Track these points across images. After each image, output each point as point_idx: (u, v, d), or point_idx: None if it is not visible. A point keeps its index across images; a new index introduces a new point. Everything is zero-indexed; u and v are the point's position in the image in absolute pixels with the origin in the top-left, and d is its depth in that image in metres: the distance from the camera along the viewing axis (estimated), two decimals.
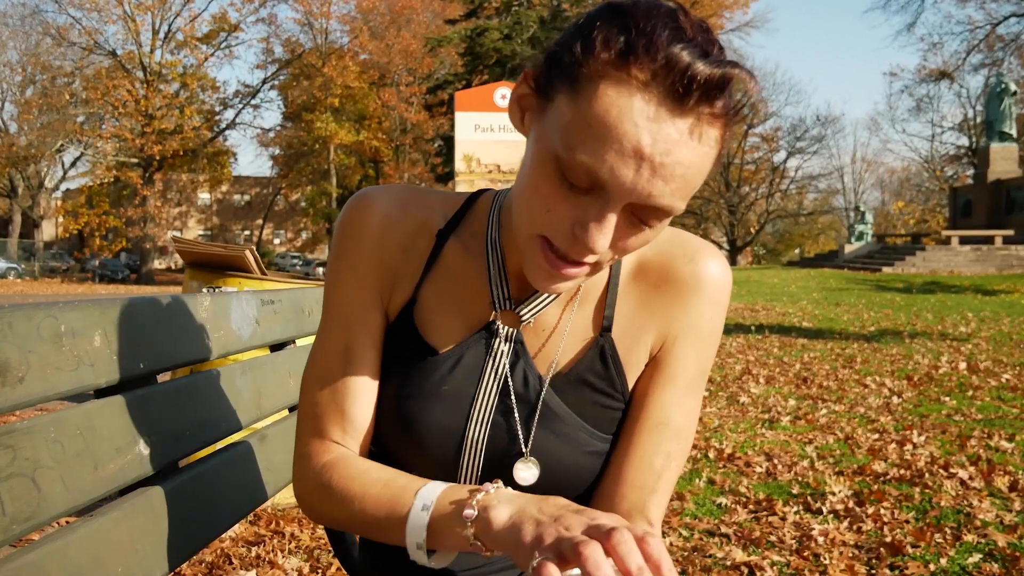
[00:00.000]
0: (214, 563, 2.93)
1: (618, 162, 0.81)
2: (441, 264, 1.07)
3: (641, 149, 0.80)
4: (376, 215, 1.06)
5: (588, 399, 1.04)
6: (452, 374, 1.04)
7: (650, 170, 0.81)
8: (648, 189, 0.82)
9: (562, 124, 0.84)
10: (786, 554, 3.03)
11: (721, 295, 1.06)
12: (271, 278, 3.49)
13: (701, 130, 0.82)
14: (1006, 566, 2.89)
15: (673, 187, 0.83)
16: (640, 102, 0.80)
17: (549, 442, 1.02)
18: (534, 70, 0.90)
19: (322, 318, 1.10)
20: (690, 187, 0.84)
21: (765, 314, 14.40)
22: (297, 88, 45.44)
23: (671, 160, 0.81)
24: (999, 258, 24.50)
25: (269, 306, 1.65)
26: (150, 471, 1.13)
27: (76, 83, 41.64)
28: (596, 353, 1.04)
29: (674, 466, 1.04)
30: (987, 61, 39.28)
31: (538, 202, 0.88)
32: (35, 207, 42.95)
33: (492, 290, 1.04)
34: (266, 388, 1.58)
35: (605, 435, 1.05)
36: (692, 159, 0.82)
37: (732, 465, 4.31)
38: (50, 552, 0.91)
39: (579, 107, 0.82)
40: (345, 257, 1.07)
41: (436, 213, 1.09)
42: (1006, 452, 4.53)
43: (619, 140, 0.80)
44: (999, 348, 9.38)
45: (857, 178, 58.07)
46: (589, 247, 0.85)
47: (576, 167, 0.83)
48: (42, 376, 0.94)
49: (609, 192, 0.83)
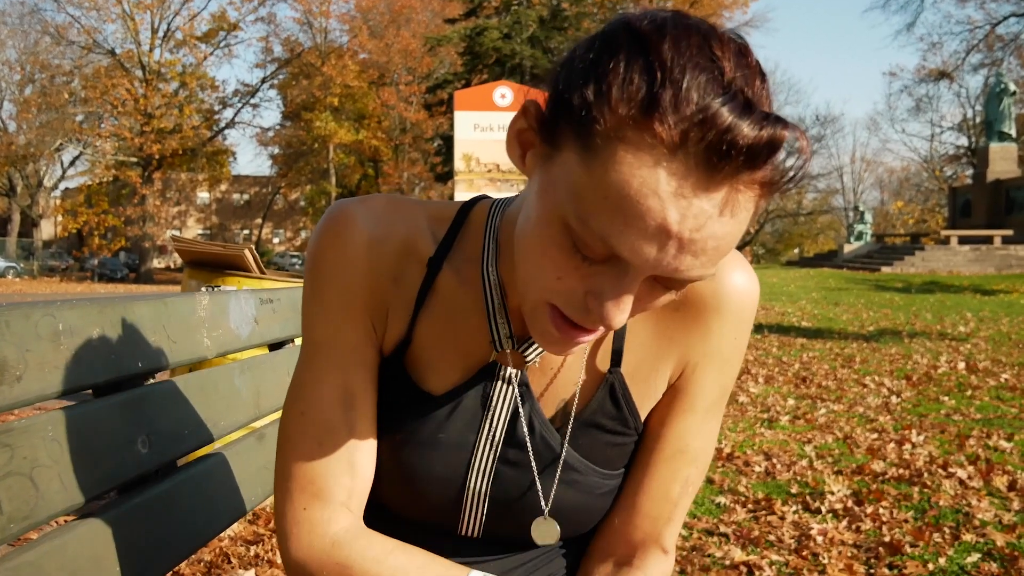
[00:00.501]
0: (213, 562, 2.93)
1: (640, 240, 0.68)
2: (434, 297, 0.94)
3: (668, 227, 0.67)
4: (361, 237, 0.92)
5: (600, 441, 0.96)
6: (450, 421, 0.93)
7: (677, 247, 0.69)
8: (675, 265, 0.70)
9: (572, 186, 0.71)
10: (785, 553, 3.03)
11: (746, 312, 0.96)
12: (270, 277, 3.49)
13: (739, 199, 0.69)
14: (1005, 565, 2.89)
15: (704, 259, 0.71)
16: (666, 170, 0.66)
17: (565, 494, 0.95)
18: (536, 107, 0.76)
19: (305, 357, 0.94)
20: (722, 255, 0.72)
21: (764, 313, 14.40)
22: (296, 87, 45.42)
23: (701, 236, 0.69)
24: (998, 258, 24.51)
25: (268, 305, 1.65)
26: (148, 470, 1.12)
27: (75, 82, 41.62)
28: (606, 392, 0.95)
29: (691, 491, 0.99)
30: (986, 61, 39.32)
31: (547, 268, 0.76)
32: (34, 206, 42.93)
33: (491, 328, 0.92)
34: (265, 387, 1.58)
35: (616, 472, 0.98)
36: (725, 231, 0.70)
37: (731, 464, 4.30)
38: (48, 551, 0.91)
39: (592, 172, 0.69)
40: (331, 286, 0.92)
41: (424, 233, 0.95)
42: (1005, 452, 4.53)
43: (642, 217, 0.67)
44: (998, 348, 9.38)
45: (856, 178, 58.12)
46: (605, 322, 0.74)
47: (590, 241, 0.71)
48: (40, 375, 0.94)
49: (628, 266, 0.72)
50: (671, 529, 0.99)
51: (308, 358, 0.94)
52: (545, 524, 0.94)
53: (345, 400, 0.92)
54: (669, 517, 0.98)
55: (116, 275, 40.99)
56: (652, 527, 0.97)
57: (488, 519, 0.96)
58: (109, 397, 1.07)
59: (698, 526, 3.34)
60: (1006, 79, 30.45)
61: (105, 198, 43.12)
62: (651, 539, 0.97)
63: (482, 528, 0.97)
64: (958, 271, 23.91)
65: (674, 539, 0.99)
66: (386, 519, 0.98)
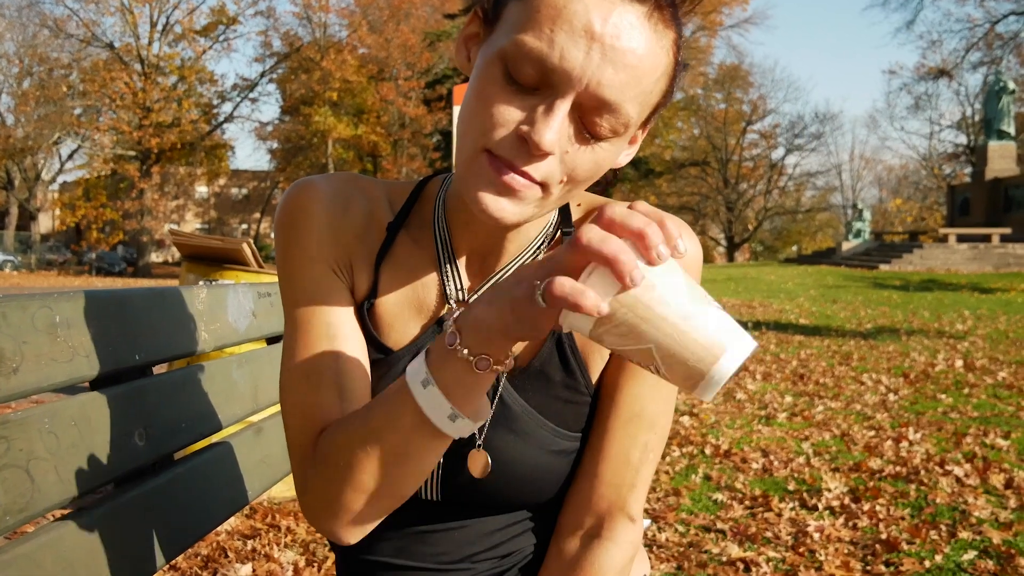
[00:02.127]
0: (210, 556, 2.93)
1: (568, 43, 0.78)
2: (392, 258, 1.00)
3: (591, 27, 0.78)
4: (323, 199, 0.98)
5: (550, 394, 0.99)
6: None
7: (600, 53, 0.78)
8: (598, 75, 0.78)
9: (510, 23, 0.82)
10: (782, 550, 3.04)
11: (691, 271, 0.97)
12: (268, 271, 3.48)
13: (654, 23, 0.80)
14: (1001, 563, 2.89)
15: (624, 77, 0.79)
16: None
17: (506, 440, 0.97)
18: (482, 6, 0.89)
19: (288, 315, 0.99)
20: (641, 87, 0.81)
21: (762, 311, 14.40)
22: (295, 82, 45.33)
23: (621, 44, 0.78)
24: (996, 256, 24.52)
25: (266, 298, 1.65)
26: (145, 463, 1.12)
27: (73, 75, 41.50)
28: (552, 344, 0.98)
29: (652, 457, 1.01)
30: (986, 59, 39.26)
31: (481, 109, 0.83)
32: (32, 199, 42.84)
33: (443, 282, 0.99)
34: (262, 381, 1.57)
35: (572, 433, 1.00)
36: (645, 49, 0.80)
37: (728, 461, 4.31)
38: (44, 544, 0.91)
39: (528, 1, 0.81)
40: (300, 241, 0.97)
41: (382, 203, 1.03)
42: (1001, 450, 4.54)
43: (569, 19, 0.78)
44: (995, 346, 9.39)
45: (855, 175, 58.12)
46: (536, 141, 0.79)
47: (523, 56, 0.79)
48: (36, 367, 0.94)
49: (556, 82, 0.79)
50: (635, 496, 1.00)
51: (290, 314, 0.98)
52: (477, 455, 0.96)
53: (328, 335, 0.96)
54: (632, 483, 0.99)
55: (114, 269, 40.95)
56: (616, 495, 0.99)
57: (443, 475, 0.98)
58: (106, 390, 1.07)
59: (695, 522, 3.34)
60: (1005, 77, 30.44)
61: (103, 192, 43.05)
62: (616, 507, 0.99)
63: (439, 486, 0.98)
64: (956, 269, 23.92)
65: (640, 506, 1.01)
66: None
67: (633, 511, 1.00)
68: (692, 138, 52.48)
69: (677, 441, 4.72)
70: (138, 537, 1.07)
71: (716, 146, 50.75)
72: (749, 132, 51.93)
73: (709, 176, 51.53)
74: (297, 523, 3.26)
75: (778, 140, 52.63)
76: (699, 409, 5.71)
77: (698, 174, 51.58)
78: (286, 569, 2.83)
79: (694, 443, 4.68)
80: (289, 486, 3.60)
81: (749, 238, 53.33)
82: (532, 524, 1.05)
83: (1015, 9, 35.09)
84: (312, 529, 3.21)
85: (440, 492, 0.99)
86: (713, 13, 44.63)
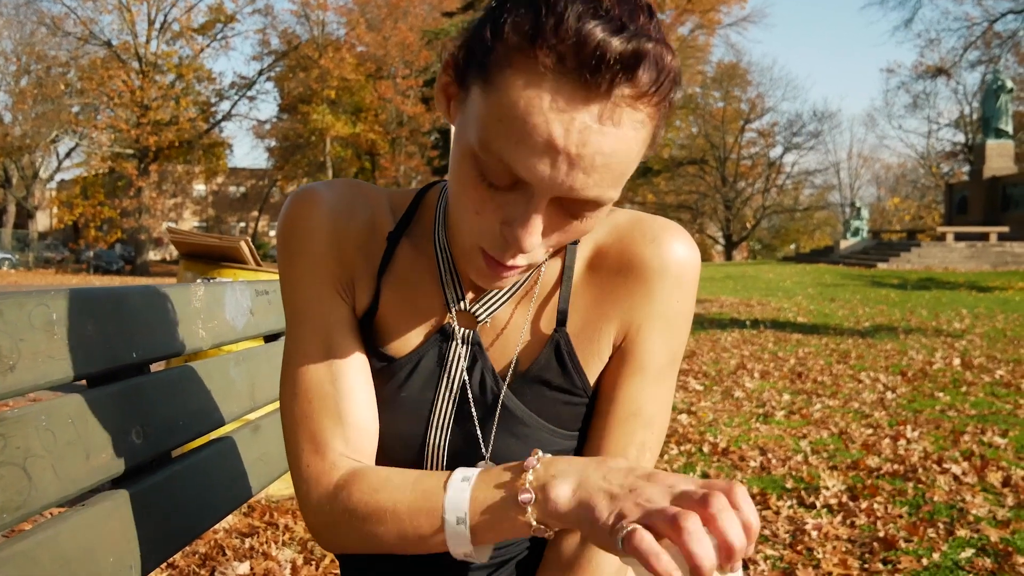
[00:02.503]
0: (207, 554, 2.93)
1: (531, 158, 0.76)
2: (394, 269, 1.01)
3: (554, 142, 0.75)
4: (325, 211, 0.99)
5: (548, 398, 1.00)
6: (409, 380, 1.00)
7: (567, 163, 0.76)
8: (569, 183, 0.77)
9: (476, 118, 0.79)
10: (779, 548, 3.04)
11: (688, 277, 0.99)
12: (266, 269, 3.47)
13: (620, 114, 0.76)
14: (998, 561, 2.89)
15: (596, 178, 0.78)
16: (549, 91, 0.74)
17: (510, 445, 0.99)
18: (453, 58, 0.85)
19: (289, 327, 1.01)
20: (617, 175, 0.80)
21: (760, 309, 14.41)
22: (293, 80, 45.33)
23: (589, 151, 0.76)
24: (994, 255, 24.55)
25: (264, 296, 1.65)
26: (143, 461, 1.12)
27: (71, 73, 41.45)
28: (551, 350, 1.00)
29: (649, 456, 1.00)
30: (984, 58, 39.30)
31: (467, 204, 0.84)
32: (29, 197, 42.80)
33: (444, 292, 1.00)
34: (260, 379, 1.57)
35: (570, 432, 1.01)
36: (613, 146, 0.77)
37: (726, 459, 4.31)
38: (41, 542, 0.90)
39: (489, 99, 0.78)
40: (302, 255, 0.99)
41: (384, 212, 1.03)
42: (999, 448, 4.54)
43: (529, 135, 0.75)
44: (993, 344, 9.40)
45: (853, 174, 58.12)
46: (518, 247, 0.81)
47: (492, 166, 0.79)
48: (33, 365, 0.93)
49: (531, 189, 0.79)
50: None
51: (291, 327, 1.00)
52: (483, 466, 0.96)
53: (327, 356, 0.98)
54: None
55: (112, 267, 40.91)
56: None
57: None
58: (103, 387, 1.07)
59: None
60: (1003, 76, 30.44)
61: (101, 190, 43.00)
62: None
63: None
64: (954, 268, 23.94)
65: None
66: None
67: None
68: (690, 136, 52.50)
69: (675, 439, 4.73)
70: (135, 535, 1.07)
71: (714, 144, 50.77)
72: (747, 130, 51.99)
73: (707, 174, 51.58)
74: (295, 521, 3.26)
75: (776, 138, 52.69)
76: (697, 407, 5.71)
77: (696, 172, 51.62)
78: (284, 567, 2.83)
79: (692, 441, 4.68)
80: (287, 484, 3.60)
81: (747, 236, 53.36)
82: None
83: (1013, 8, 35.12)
84: None
85: None
86: (712, 12, 44.66)
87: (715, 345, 9.38)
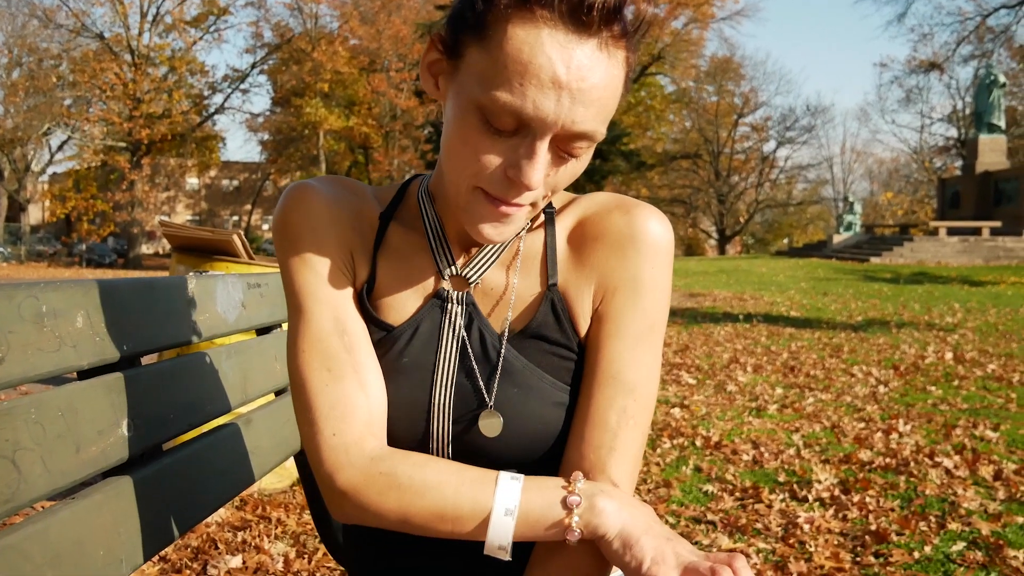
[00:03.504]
0: (200, 548, 2.93)
1: (539, 95, 0.85)
2: (387, 246, 1.08)
3: (558, 78, 0.84)
4: (322, 197, 1.05)
5: (545, 351, 1.05)
6: (410, 345, 1.04)
7: (570, 97, 0.85)
8: (571, 116, 0.86)
9: (478, 73, 0.87)
10: (772, 541, 3.05)
11: (660, 248, 1.05)
12: (259, 263, 3.46)
13: (608, 51, 0.87)
14: (989, 554, 2.91)
15: (593, 111, 0.87)
16: (548, 34, 0.84)
17: (512, 395, 1.02)
18: (439, 34, 0.94)
19: (294, 308, 1.03)
20: (607, 110, 0.90)
21: (753, 303, 14.43)
22: (286, 73, 45.13)
23: (587, 84, 0.86)
24: (986, 249, 24.62)
25: (256, 289, 1.64)
26: (134, 454, 1.11)
27: (63, 66, 41.22)
28: (548, 307, 1.05)
29: (632, 424, 1.02)
30: (977, 52, 39.28)
31: (468, 153, 0.90)
32: (21, 190, 42.56)
33: (436, 259, 1.06)
34: (252, 372, 1.57)
35: (564, 384, 1.05)
36: (605, 80, 0.87)
37: (719, 453, 4.32)
38: (30, 535, 0.90)
39: (491, 52, 0.86)
40: (304, 238, 1.03)
41: (371, 202, 1.10)
42: (991, 441, 4.56)
43: (536, 74, 0.84)
44: (985, 338, 9.43)
45: (846, 168, 58.32)
46: (525, 184, 0.89)
47: (499, 110, 0.86)
48: (23, 357, 0.93)
49: (534, 127, 0.87)
50: (615, 459, 1.01)
51: (296, 307, 1.03)
52: (490, 416, 1.01)
53: (338, 328, 1.02)
54: (611, 446, 1.01)
55: (104, 261, 40.74)
56: (596, 456, 1.01)
57: (454, 438, 1.02)
58: (94, 380, 1.06)
59: (686, 514, 3.35)
60: (996, 71, 30.48)
61: (93, 183, 42.86)
62: (597, 469, 1.01)
63: (450, 447, 1.03)
64: (946, 262, 24.00)
65: (623, 472, 1.01)
66: None
67: (614, 475, 1.00)
68: (684, 131, 52.54)
69: (668, 433, 4.73)
70: (126, 528, 1.06)
71: (708, 139, 50.79)
72: (741, 125, 52.01)
73: (700, 169, 51.60)
74: (287, 515, 3.25)
75: (769, 133, 52.77)
76: (690, 401, 5.72)
77: (689, 167, 51.63)
78: (276, 561, 2.82)
79: (685, 435, 4.69)
80: (280, 478, 3.60)
81: (740, 231, 53.39)
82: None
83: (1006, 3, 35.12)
84: (303, 521, 3.20)
85: (451, 451, 1.03)
86: (705, 5, 44.57)
87: (708, 339, 9.39)
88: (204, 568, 2.77)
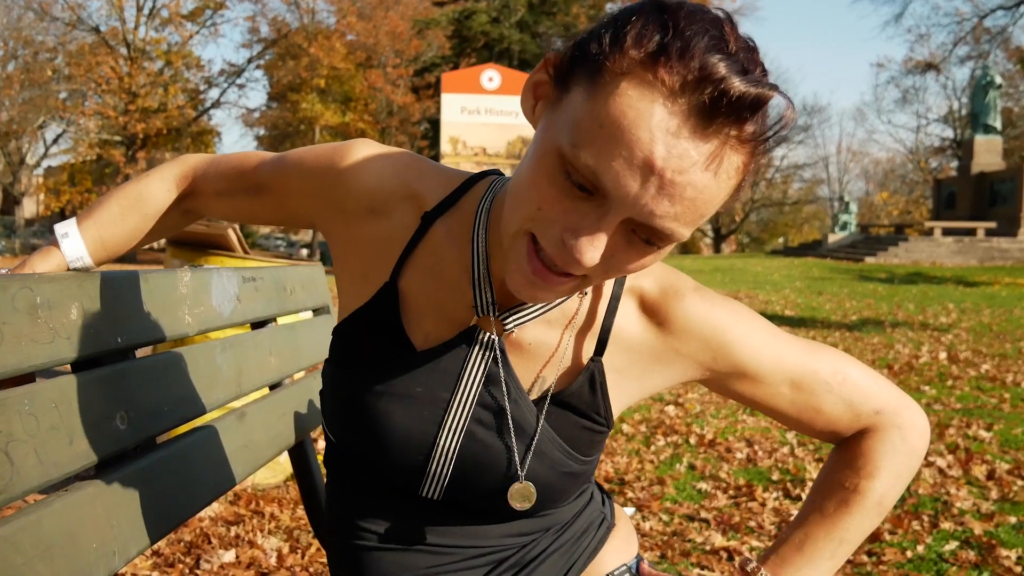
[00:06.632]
0: (192, 542, 2.92)
1: (624, 171, 0.73)
2: (424, 249, 0.99)
3: (652, 161, 0.72)
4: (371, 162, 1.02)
5: (571, 422, 0.99)
6: (427, 376, 0.97)
7: (657, 186, 0.73)
8: (651, 206, 0.75)
9: (573, 119, 0.76)
10: (765, 539, 3.05)
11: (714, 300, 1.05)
12: (254, 257, 3.46)
13: (723, 155, 0.74)
14: (982, 554, 2.91)
15: (679, 210, 0.75)
16: (662, 110, 0.72)
17: (534, 463, 0.98)
18: (556, 56, 0.82)
19: (284, 152, 1.11)
20: (698, 215, 0.77)
21: (748, 302, 14.44)
22: (283, 68, 45.01)
23: (683, 180, 0.73)
24: (981, 250, 24.66)
25: (251, 283, 1.64)
26: (127, 447, 1.11)
27: (59, 59, 41.07)
28: (586, 379, 0.99)
29: (856, 373, 1.06)
30: (973, 53, 39.39)
31: (533, 197, 0.80)
32: (16, 184, 42.46)
33: (475, 292, 0.96)
34: (246, 366, 1.56)
35: (584, 458, 1.01)
36: (706, 184, 0.75)
37: (713, 451, 4.32)
38: (23, 527, 0.90)
39: (594, 103, 0.75)
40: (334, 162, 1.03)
41: (431, 190, 1.01)
42: (984, 441, 4.57)
43: (630, 147, 0.72)
44: (979, 339, 9.45)
45: (842, 168, 58.26)
46: (576, 259, 0.78)
47: (579, 168, 0.75)
48: (16, 348, 0.92)
49: (609, 202, 0.76)
50: (873, 408, 1.07)
51: (284, 154, 1.11)
52: (522, 487, 0.97)
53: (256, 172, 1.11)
54: (857, 410, 1.07)
55: None
56: (871, 421, 1.08)
57: (451, 480, 0.98)
58: (88, 372, 1.06)
59: (679, 511, 3.36)
60: (992, 72, 30.51)
61: (88, 177, 42.69)
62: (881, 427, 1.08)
63: (444, 490, 0.99)
64: (941, 262, 24.04)
65: (886, 403, 1.08)
66: (350, 482, 1.04)
67: (887, 414, 1.07)
68: None
69: (662, 430, 4.74)
70: (119, 521, 1.06)
71: None
72: None
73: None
74: (281, 510, 3.25)
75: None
76: (684, 399, 5.72)
77: None
78: (270, 555, 2.82)
79: (679, 432, 4.69)
80: (273, 473, 3.60)
81: (736, 229, 53.44)
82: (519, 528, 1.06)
83: (1003, 4, 35.19)
84: (296, 516, 3.20)
85: (443, 494, 1.00)
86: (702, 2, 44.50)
87: None
88: (197, 562, 2.77)
